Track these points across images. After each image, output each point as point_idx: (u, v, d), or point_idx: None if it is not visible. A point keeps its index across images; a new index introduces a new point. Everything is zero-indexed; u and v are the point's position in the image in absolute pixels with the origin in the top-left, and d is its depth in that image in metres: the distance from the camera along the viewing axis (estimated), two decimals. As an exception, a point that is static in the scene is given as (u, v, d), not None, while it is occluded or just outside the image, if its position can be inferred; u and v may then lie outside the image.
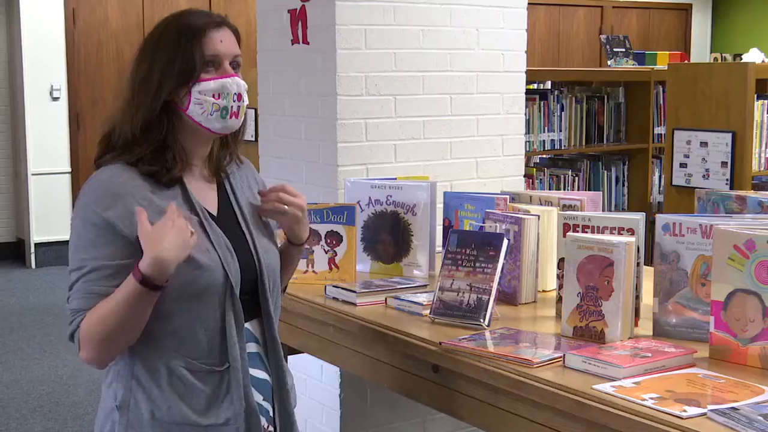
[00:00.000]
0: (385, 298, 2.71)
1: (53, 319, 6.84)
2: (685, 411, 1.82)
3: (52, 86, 8.56)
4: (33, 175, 8.50)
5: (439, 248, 3.00)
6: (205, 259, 2.00)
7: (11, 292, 7.73)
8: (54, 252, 8.50)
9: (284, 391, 2.18)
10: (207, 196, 2.11)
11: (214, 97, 2.04)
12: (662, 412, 1.83)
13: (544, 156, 5.62)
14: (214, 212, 2.11)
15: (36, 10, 8.41)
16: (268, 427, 2.14)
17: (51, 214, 8.53)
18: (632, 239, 2.35)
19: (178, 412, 1.99)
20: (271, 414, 2.16)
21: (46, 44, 8.48)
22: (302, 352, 2.84)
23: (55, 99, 8.58)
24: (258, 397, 2.11)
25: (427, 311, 2.55)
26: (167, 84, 2.03)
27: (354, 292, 2.71)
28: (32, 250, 8.56)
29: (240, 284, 2.07)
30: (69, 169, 8.64)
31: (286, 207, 2.16)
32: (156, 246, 1.87)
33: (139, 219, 1.90)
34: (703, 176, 4.20)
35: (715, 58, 10.06)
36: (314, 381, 3.45)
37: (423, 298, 2.65)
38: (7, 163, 8.92)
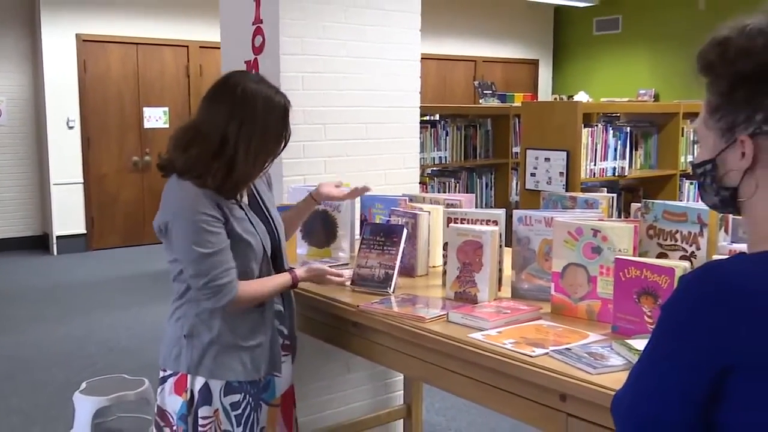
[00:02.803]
0: (318, 273, 2.69)
1: (69, 293, 6.66)
2: (534, 351, 1.85)
3: (68, 118, 8.33)
4: (54, 184, 8.28)
5: (357, 236, 2.99)
6: (251, 240, 2.12)
7: (38, 273, 7.49)
8: (70, 242, 8.30)
9: (293, 317, 2.36)
10: (245, 193, 2.22)
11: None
12: (517, 352, 1.85)
13: (434, 168, 5.64)
14: (247, 204, 2.21)
15: (56, 61, 8.20)
16: (283, 342, 2.29)
17: (68, 214, 8.32)
18: (496, 228, 2.37)
19: (228, 337, 2.10)
20: (285, 332, 2.31)
21: (64, 86, 8.27)
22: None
23: (71, 127, 8.36)
24: (276, 323, 2.24)
25: (348, 283, 2.54)
26: (273, 152, 2.16)
27: (294, 268, 2.67)
28: (54, 241, 8.30)
29: (270, 250, 2.21)
30: (82, 180, 8.42)
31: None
32: (309, 274, 2.32)
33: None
34: (547, 182, 4.27)
35: (555, 98, 10.26)
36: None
37: (346, 273, 2.63)
38: (34, 175, 8.65)
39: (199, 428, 2.11)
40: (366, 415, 3.62)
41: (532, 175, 4.35)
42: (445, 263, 2.47)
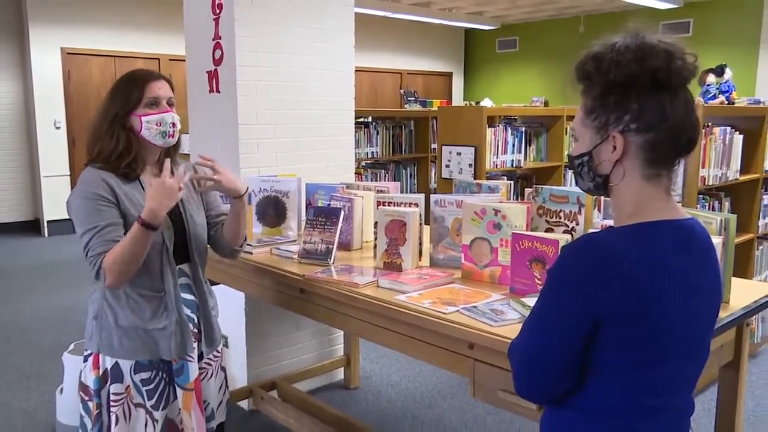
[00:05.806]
0: (270, 249, 2.65)
1: (58, 269, 6.41)
2: (447, 309, 1.86)
3: (55, 120, 7.99)
4: (44, 177, 7.94)
5: (303, 218, 2.95)
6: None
7: (31, 252, 7.19)
8: (60, 226, 7.97)
9: (206, 307, 2.09)
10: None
11: (156, 125, 1.93)
12: (434, 310, 1.86)
13: (367, 161, 5.63)
14: None
15: (43, 70, 7.83)
16: (193, 329, 2.04)
17: (57, 201, 7.98)
18: (417, 209, 2.37)
19: (132, 320, 1.92)
20: (197, 321, 2.07)
21: (51, 92, 7.91)
22: (220, 283, 2.74)
23: (58, 128, 8.02)
24: (187, 311, 2.02)
25: (296, 256, 2.51)
26: (124, 117, 1.92)
27: (251, 245, 2.63)
28: (45, 224, 7.98)
29: (174, 242, 1.97)
30: (68, 173, 8.11)
31: (212, 180, 2.02)
32: (151, 201, 1.80)
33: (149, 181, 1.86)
34: (459, 172, 4.29)
35: (466, 104, 10.33)
36: (228, 302, 3.34)
37: (294, 248, 2.60)
38: (26, 169, 8.28)
39: (111, 403, 1.95)
40: (313, 365, 3.61)
41: (447, 166, 4.38)
42: (375, 239, 2.46)
